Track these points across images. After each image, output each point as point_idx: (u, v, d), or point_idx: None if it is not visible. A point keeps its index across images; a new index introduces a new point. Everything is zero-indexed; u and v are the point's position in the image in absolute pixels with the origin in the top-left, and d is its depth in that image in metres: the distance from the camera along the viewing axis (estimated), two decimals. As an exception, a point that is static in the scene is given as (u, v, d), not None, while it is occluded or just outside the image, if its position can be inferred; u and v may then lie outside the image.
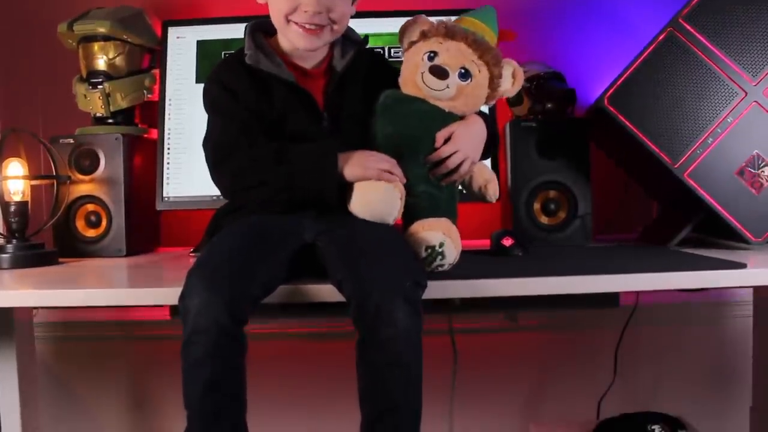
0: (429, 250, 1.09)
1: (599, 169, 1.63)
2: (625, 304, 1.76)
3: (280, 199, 1.13)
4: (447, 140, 1.17)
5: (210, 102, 1.22)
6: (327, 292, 1.04)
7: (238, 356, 0.98)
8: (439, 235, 1.10)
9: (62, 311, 1.86)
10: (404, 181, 1.12)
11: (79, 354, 1.89)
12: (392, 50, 1.68)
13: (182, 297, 0.96)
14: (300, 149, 1.12)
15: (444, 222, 1.12)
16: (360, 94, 1.23)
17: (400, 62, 1.23)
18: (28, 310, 1.57)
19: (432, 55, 1.17)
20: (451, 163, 1.16)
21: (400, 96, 1.20)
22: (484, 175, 1.24)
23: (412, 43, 1.21)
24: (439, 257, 1.10)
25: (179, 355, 0.98)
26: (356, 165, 1.11)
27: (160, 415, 1.91)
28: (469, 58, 1.17)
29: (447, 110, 1.19)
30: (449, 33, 1.18)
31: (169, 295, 1.05)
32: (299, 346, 1.87)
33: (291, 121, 1.18)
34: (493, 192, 1.23)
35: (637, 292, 1.75)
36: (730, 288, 1.13)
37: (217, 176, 1.17)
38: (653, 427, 1.49)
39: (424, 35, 1.20)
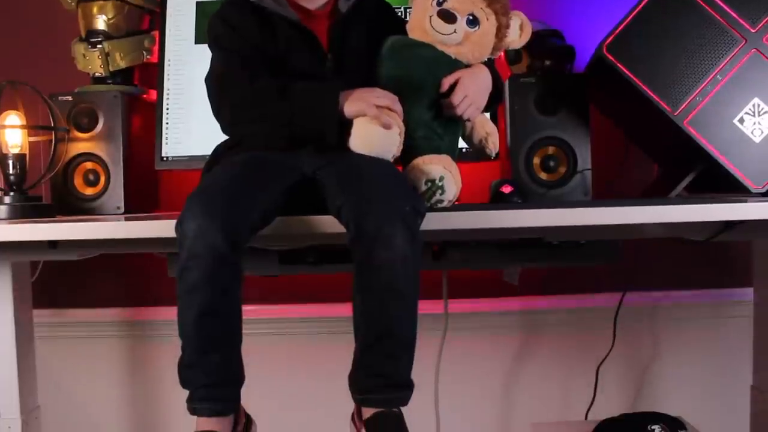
0: (429, 184, 1.10)
1: (599, 129, 1.62)
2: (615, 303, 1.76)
3: (279, 135, 1.13)
4: (452, 87, 1.17)
5: (213, 37, 1.22)
6: (327, 222, 1.04)
7: (234, 283, 0.98)
8: (440, 168, 1.11)
9: (61, 311, 1.86)
10: (402, 116, 1.12)
11: (79, 353, 1.88)
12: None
13: (179, 222, 0.96)
14: (303, 87, 1.12)
15: (444, 157, 1.13)
16: (364, 36, 1.23)
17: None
18: (29, 309, 1.56)
19: (441, 0, 1.18)
20: (460, 109, 1.16)
21: (407, 41, 1.21)
22: (486, 128, 1.24)
23: None
24: (439, 191, 1.10)
25: (177, 281, 0.98)
26: (356, 100, 1.10)
27: (160, 415, 1.90)
28: (477, 5, 1.18)
29: (453, 57, 1.19)
30: None
31: (167, 226, 1.04)
32: (298, 347, 1.87)
33: (295, 61, 1.18)
34: (493, 145, 1.23)
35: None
36: (731, 222, 1.11)
37: (217, 108, 1.17)
38: (653, 427, 1.48)
39: None
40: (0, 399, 1.46)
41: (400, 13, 1.66)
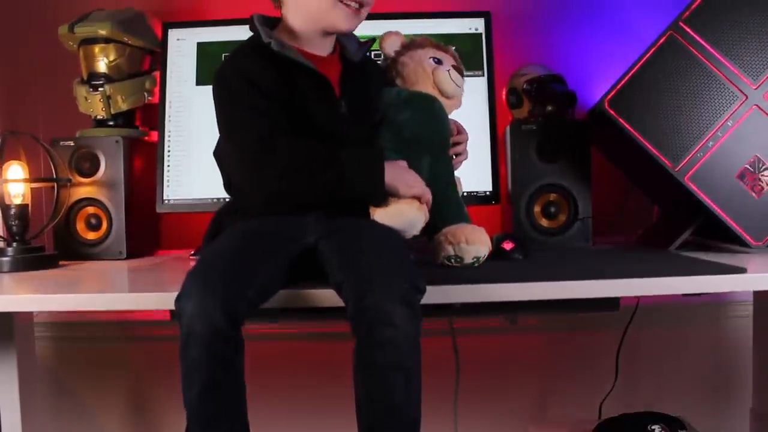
0: (475, 259, 1.20)
1: (600, 171, 1.63)
2: (626, 305, 1.74)
3: (322, 200, 1.14)
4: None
5: (230, 95, 1.16)
6: (327, 296, 1.04)
7: (235, 357, 0.97)
8: (485, 248, 1.21)
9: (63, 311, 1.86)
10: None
11: (79, 354, 1.89)
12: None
13: (178, 299, 0.96)
14: (349, 152, 1.13)
15: (484, 235, 1.22)
16: (369, 86, 1.26)
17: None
18: (29, 314, 1.57)
19: (437, 59, 1.29)
20: (463, 148, 1.32)
21: (423, 94, 1.28)
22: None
23: (402, 52, 1.31)
24: (477, 264, 1.21)
25: (179, 356, 0.98)
26: (398, 180, 1.14)
27: (160, 415, 1.90)
28: None
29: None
30: (437, 45, 1.33)
31: (168, 299, 1.04)
32: (299, 347, 1.87)
33: (312, 109, 1.18)
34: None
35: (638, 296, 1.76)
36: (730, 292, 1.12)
37: (257, 176, 1.13)
38: (653, 427, 1.49)
39: (407, 46, 1.32)
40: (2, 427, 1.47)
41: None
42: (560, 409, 1.88)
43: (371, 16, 1.29)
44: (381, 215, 1.13)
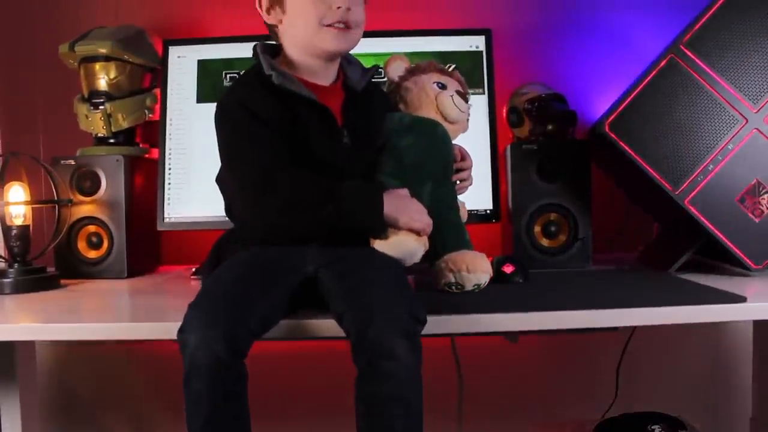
0: (475, 287, 1.20)
1: (600, 189, 1.63)
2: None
3: (320, 234, 1.14)
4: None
5: (232, 126, 1.17)
6: (328, 327, 1.04)
7: (238, 388, 0.98)
8: (484, 276, 1.21)
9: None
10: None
11: (79, 352, 1.89)
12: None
13: (181, 331, 0.96)
14: (349, 186, 1.13)
15: (485, 261, 1.21)
16: (373, 114, 1.26)
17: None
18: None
19: (441, 84, 1.29)
20: (467, 174, 1.33)
21: (426, 119, 1.28)
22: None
23: (405, 77, 1.31)
24: (478, 290, 1.21)
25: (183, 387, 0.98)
26: (399, 211, 1.14)
27: (161, 416, 1.91)
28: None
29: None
30: (441, 69, 1.33)
31: (171, 329, 1.04)
32: (299, 345, 1.86)
33: (313, 140, 1.18)
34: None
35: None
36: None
37: (258, 209, 1.13)
38: (653, 427, 1.49)
39: (411, 71, 1.31)
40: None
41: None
42: (561, 412, 1.88)
43: (372, 34, 1.30)
44: (380, 245, 1.13)
